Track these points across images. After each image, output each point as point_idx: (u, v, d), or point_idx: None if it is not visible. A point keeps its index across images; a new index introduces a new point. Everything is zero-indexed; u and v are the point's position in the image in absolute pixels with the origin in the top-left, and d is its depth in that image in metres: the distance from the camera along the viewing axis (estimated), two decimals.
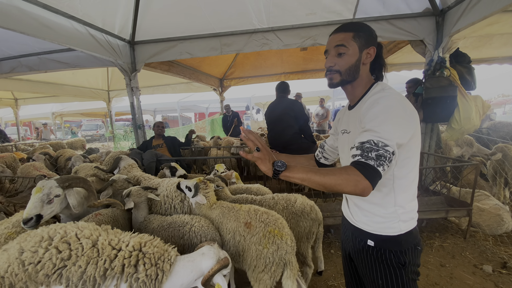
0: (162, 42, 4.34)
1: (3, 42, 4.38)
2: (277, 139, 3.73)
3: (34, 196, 1.75)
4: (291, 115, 3.63)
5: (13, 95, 10.11)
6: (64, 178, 1.93)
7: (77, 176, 2.04)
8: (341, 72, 1.16)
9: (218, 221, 2.10)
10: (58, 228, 1.41)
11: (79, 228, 1.43)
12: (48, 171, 3.99)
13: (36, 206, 1.72)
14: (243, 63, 8.37)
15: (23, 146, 9.08)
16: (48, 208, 1.79)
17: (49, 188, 1.80)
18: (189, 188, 2.21)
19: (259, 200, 2.42)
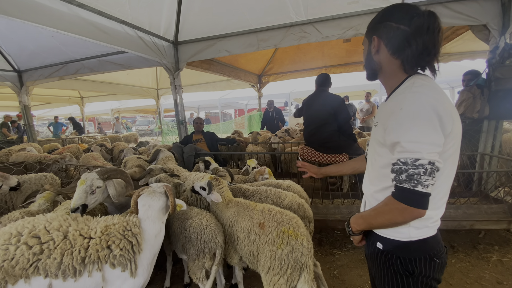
0: (202, 41, 4.51)
1: (69, 47, 5.03)
2: (313, 136, 3.55)
3: (79, 188, 1.93)
4: (330, 112, 3.39)
5: (80, 94, 11.62)
6: (104, 171, 2.10)
7: (115, 168, 2.21)
8: (364, 65, 1.15)
9: (233, 220, 2.06)
10: (26, 222, 1.45)
11: (48, 221, 1.48)
12: (104, 161, 4.51)
13: (81, 197, 1.90)
14: (281, 58, 8.25)
15: (87, 138, 10.42)
16: (91, 198, 1.98)
17: (91, 180, 1.98)
18: (203, 187, 2.20)
19: (251, 191, 2.42)
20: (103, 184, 2.08)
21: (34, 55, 5.55)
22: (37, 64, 5.88)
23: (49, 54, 5.45)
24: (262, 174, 2.86)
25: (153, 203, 1.69)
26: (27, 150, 5.08)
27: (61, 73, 5.70)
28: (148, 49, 4.09)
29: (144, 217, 1.66)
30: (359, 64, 8.18)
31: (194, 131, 5.03)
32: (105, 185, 2.11)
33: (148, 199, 1.70)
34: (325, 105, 3.44)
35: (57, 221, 1.48)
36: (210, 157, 3.89)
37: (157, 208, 1.70)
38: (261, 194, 2.40)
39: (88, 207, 1.98)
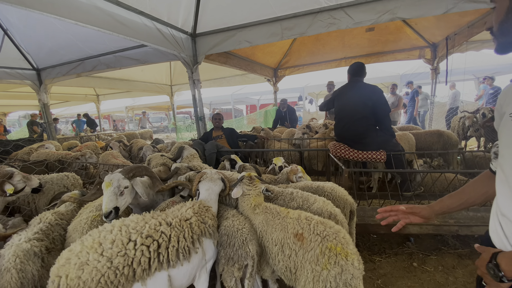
0: (221, 33, 4.28)
1: (86, 43, 4.93)
2: (347, 131, 3.26)
3: (107, 191, 1.82)
4: (368, 104, 3.08)
5: (95, 92, 11.73)
6: (128, 169, 1.98)
7: (139, 165, 2.09)
8: (493, 30, 0.85)
9: (261, 229, 1.83)
10: (130, 228, 1.46)
11: (145, 221, 1.54)
12: (123, 159, 4.40)
13: (111, 200, 1.79)
14: (299, 50, 7.92)
15: (104, 136, 10.50)
16: (121, 200, 1.86)
17: (117, 181, 1.86)
18: (240, 181, 2.12)
19: (276, 193, 2.20)
20: (130, 184, 1.96)
21: (52, 52, 5.50)
22: (55, 62, 5.84)
23: (66, 51, 5.39)
24: (296, 174, 2.62)
25: (214, 187, 2.06)
26: (45, 147, 5.05)
27: (79, 70, 5.64)
28: (166, 42, 3.91)
29: (208, 199, 1.99)
30: (382, 55, 7.74)
31: (213, 127, 4.84)
32: (131, 184, 1.98)
33: (211, 184, 2.06)
34: (361, 97, 3.14)
35: (154, 219, 1.58)
36: (233, 153, 3.70)
37: (217, 191, 2.07)
38: (285, 197, 2.15)
39: (120, 210, 1.85)
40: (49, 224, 1.90)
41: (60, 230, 1.95)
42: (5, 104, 12.96)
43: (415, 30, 6.47)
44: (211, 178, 2.09)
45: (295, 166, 2.71)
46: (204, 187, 2.05)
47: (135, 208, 2.21)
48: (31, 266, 1.53)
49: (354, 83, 3.36)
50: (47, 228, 1.85)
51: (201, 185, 2.06)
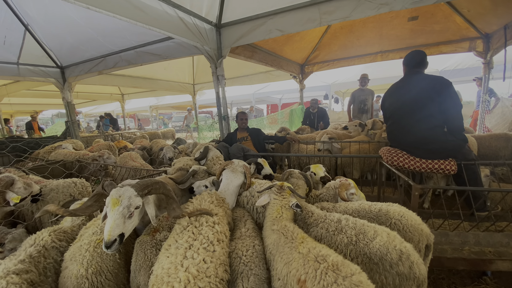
0: (249, 21, 3.81)
1: (107, 38, 4.70)
2: (406, 135, 2.62)
3: (114, 211, 1.37)
4: (435, 99, 2.42)
5: (120, 91, 11.82)
6: (143, 185, 1.52)
7: (157, 180, 1.63)
8: None
9: (271, 252, 1.46)
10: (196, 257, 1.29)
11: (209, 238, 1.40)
12: (143, 161, 4.09)
13: (118, 224, 1.35)
14: (330, 44, 7.26)
15: (127, 134, 10.52)
16: (129, 224, 1.42)
17: (128, 199, 1.42)
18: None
19: (315, 217, 1.72)
20: (142, 203, 1.51)
21: (73, 49, 5.37)
22: (77, 59, 5.73)
23: (88, 47, 5.22)
24: (348, 190, 2.06)
25: (234, 179, 2.08)
26: (62, 147, 4.89)
27: (100, 67, 5.46)
28: (189, 33, 3.51)
29: (225, 189, 2.02)
30: (425, 47, 6.82)
31: (238, 128, 4.38)
32: (143, 203, 1.54)
33: (231, 175, 2.09)
34: (426, 90, 2.46)
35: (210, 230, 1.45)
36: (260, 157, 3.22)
37: (236, 183, 2.08)
38: (329, 225, 1.61)
39: (124, 237, 1.41)
40: (43, 248, 1.51)
41: (56, 254, 1.57)
42: (37, 102, 13.50)
43: (466, 19, 5.60)
44: (233, 169, 2.14)
45: (345, 179, 2.15)
46: (225, 176, 2.12)
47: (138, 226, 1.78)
48: None
49: (413, 75, 2.70)
50: (39, 254, 1.46)
51: (224, 173, 2.14)
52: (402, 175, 2.15)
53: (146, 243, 1.56)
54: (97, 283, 1.40)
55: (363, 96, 6.68)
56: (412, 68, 2.73)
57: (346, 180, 2.11)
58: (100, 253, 1.47)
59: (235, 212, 2.01)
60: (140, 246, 1.56)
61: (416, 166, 2.46)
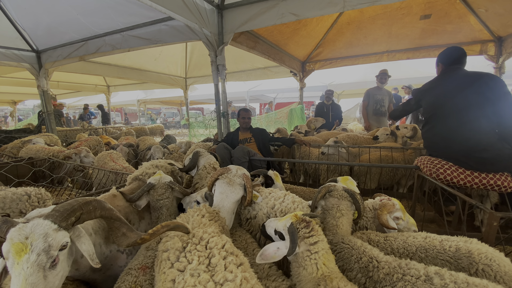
0: (258, 3, 3.28)
1: (89, 18, 4.07)
2: (453, 141, 2.15)
3: (20, 264, 0.82)
4: (490, 97, 2.00)
5: (106, 82, 10.98)
6: (67, 209, 0.97)
7: (88, 199, 1.06)
8: None
9: None
10: None
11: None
12: (125, 162, 3.48)
13: (35, 284, 0.81)
14: (334, 41, 6.83)
15: (112, 129, 9.74)
16: (53, 279, 0.88)
17: (44, 238, 0.88)
18: (279, 233, 1.23)
19: (401, 277, 1.11)
20: (70, 238, 0.97)
21: (51, 30, 4.67)
22: (55, 42, 5.01)
23: (67, 29, 4.53)
24: (391, 212, 1.56)
25: (230, 194, 1.64)
26: (33, 142, 4.20)
27: (81, 52, 4.77)
28: (187, 11, 2.94)
29: (220, 205, 1.58)
30: (434, 49, 6.52)
31: (240, 127, 3.83)
32: (71, 238, 0.98)
33: (226, 188, 1.66)
34: (477, 86, 2.02)
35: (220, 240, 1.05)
36: (266, 164, 2.69)
37: (233, 199, 1.64)
38: (415, 285, 1.05)
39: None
40: None
41: None
42: (15, 91, 12.41)
43: (481, 19, 5.31)
44: (230, 180, 1.69)
45: (388, 198, 1.64)
46: (219, 189, 1.67)
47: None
48: None
49: (454, 71, 2.29)
50: None
51: (217, 184, 1.70)
52: (465, 196, 1.68)
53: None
54: None
55: (379, 95, 5.80)
56: (450, 65, 2.31)
57: (389, 199, 1.62)
58: None
59: (235, 237, 1.58)
60: None
61: (467, 181, 2.00)
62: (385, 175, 3.10)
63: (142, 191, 1.68)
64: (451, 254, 1.21)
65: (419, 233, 1.40)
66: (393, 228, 1.45)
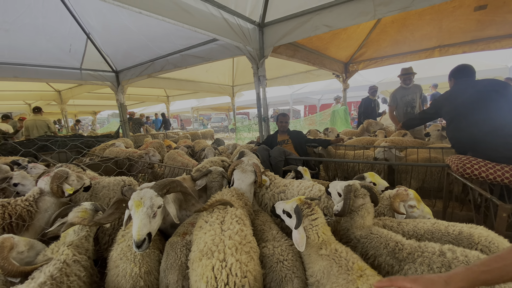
0: (294, 19, 3.64)
1: (155, 43, 4.96)
2: (481, 134, 2.21)
3: (138, 212, 1.40)
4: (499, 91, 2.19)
5: (166, 93, 12.57)
6: (161, 185, 1.58)
7: (173, 179, 1.69)
8: None
9: (319, 279, 1.31)
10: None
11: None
12: (189, 158, 4.27)
13: (145, 224, 1.38)
14: (378, 40, 6.70)
15: (171, 134, 11.11)
16: (154, 223, 1.46)
17: (150, 200, 1.46)
18: (287, 213, 1.56)
19: (420, 254, 1.36)
20: (163, 202, 1.55)
21: (127, 54, 5.79)
22: (129, 64, 6.18)
23: (139, 53, 5.58)
24: (405, 200, 1.77)
25: (245, 179, 2.16)
26: (116, 145, 5.28)
27: (149, 70, 5.80)
28: (232, 33, 3.48)
29: (239, 187, 2.11)
30: (495, 40, 5.91)
31: (278, 130, 4.23)
32: (164, 202, 1.57)
33: (242, 175, 2.18)
34: (491, 86, 2.19)
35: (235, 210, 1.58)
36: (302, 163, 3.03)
37: (248, 182, 2.16)
38: (431, 260, 1.30)
39: (152, 236, 1.44)
40: (65, 264, 1.40)
41: (79, 269, 1.46)
42: (96, 104, 15.07)
43: None
44: (243, 169, 2.21)
45: (403, 189, 1.85)
46: (236, 176, 2.21)
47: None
48: None
49: (468, 81, 2.54)
50: (61, 273, 1.34)
51: (235, 173, 2.24)
52: (481, 189, 1.77)
53: (176, 243, 1.57)
54: (149, 282, 1.39)
55: (408, 95, 5.12)
56: (461, 79, 2.58)
57: (406, 189, 1.82)
58: (149, 253, 1.48)
59: (258, 217, 1.99)
60: (171, 246, 1.57)
61: (497, 175, 2.01)
62: (430, 176, 3.06)
63: (203, 174, 2.32)
64: (454, 236, 1.40)
65: (429, 220, 1.59)
66: (401, 213, 1.67)
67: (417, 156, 3.14)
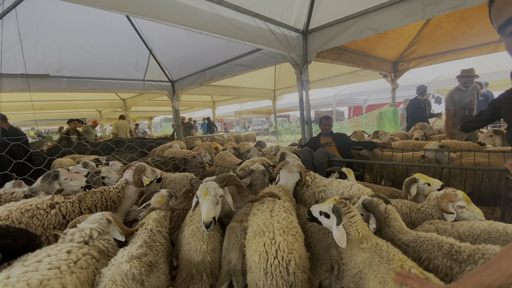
0: (337, 24, 3.73)
1: (207, 55, 5.50)
2: None
3: (206, 200, 1.75)
4: None
5: (212, 99, 13.46)
6: (222, 178, 1.91)
7: (230, 174, 2.01)
8: None
9: (361, 270, 1.42)
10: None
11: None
12: (237, 158, 4.66)
13: (211, 209, 1.73)
14: (432, 36, 6.26)
15: (217, 137, 11.87)
16: (217, 209, 1.80)
17: (214, 190, 1.79)
18: (325, 214, 1.65)
19: (481, 256, 1.36)
20: (223, 192, 1.89)
21: (182, 66, 6.50)
22: (184, 74, 6.90)
23: (192, 64, 6.22)
24: (453, 201, 1.78)
25: (291, 178, 2.42)
26: (173, 146, 5.95)
27: (200, 80, 6.41)
28: (277, 43, 3.73)
29: (284, 185, 2.37)
30: None
31: (321, 133, 4.32)
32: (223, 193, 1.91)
33: (288, 174, 2.43)
34: None
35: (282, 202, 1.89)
36: (345, 165, 3.10)
37: (293, 181, 2.42)
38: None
39: (216, 220, 1.79)
40: (151, 233, 1.82)
41: (160, 238, 1.86)
42: (151, 110, 16.84)
43: None
44: (290, 169, 2.46)
45: (452, 190, 1.85)
46: (282, 175, 2.46)
47: None
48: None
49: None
50: (150, 239, 1.75)
51: (281, 173, 2.49)
52: None
53: (236, 228, 1.89)
54: (212, 260, 1.71)
55: (466, 98, 4.63)
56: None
57: (454, 191, 1.81)
58: (213, 235, 1.80)
59: (299, 209, 2.25)
60: (231, 230, 1.90)
61: None
62: (489, 181, 2.83)
63: (247, 173, 2.63)
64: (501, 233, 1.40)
65: (485, 221, 1.60)
66: (450, 212, 1.69)
67: (474, 159, 2.95)
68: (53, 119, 14.24)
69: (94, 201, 2.25)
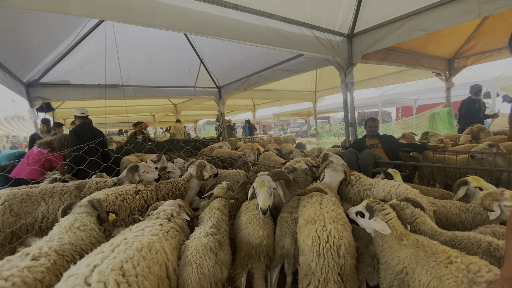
0: (384, 26, 3.74)
1: (252, 62, 5.87)
2: None
3: (262, 190, 2.06)
4: None
5: (253, 102, 13.96)
6: (274, 173, 2.19)
7: (281, 170, 2.31)
8: None
9: (407, 265, 1.47)
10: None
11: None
12: (281, 158, 4.95)
13: (267, 199, 2.02)
14: (493, 30, 5.71)
15: (258, 139, 12.28)
16: (271, 200, 2.08)
17: (268, 182, 2.08)
18: (360, 213, 1.80)
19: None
20: (275, 185, 2.17)
21: (228, 73, 7.01)
22: (230, 80, 7.42)
23: (238, 70, 6.67)
24: (499, 200, 1.76)
25: (336, 176, 2.57)
26: (222, 147, 6.47)
27: (245, 85, 6.83)
28: (322, 48, 3.89)
29: (328, 182, 2.52)
30: None
31: (366, 135, 4.31)
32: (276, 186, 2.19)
33: (333, 173, 2.58)
34: None
35: (330, 196, 2.11)
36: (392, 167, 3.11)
37: (338, 179, 2.56)
38: None
39: (270, 208, 2.06)
40: (217, 220, 2.13)
41: (224, 224, 2.17)
42: (197, 113, 18.09)
43: None
44: (335, 168, 2.60)
45: (500, 190, 1.82)
46: (327, 174, 2.60)
47: None
48: (207, 261, 1.63)
49: None
50: (218, 223, 2.08)
51: (326, 171, 2.63)
52: None
53: (287, 217, 2.13)
54: (268, 244, 1.98)
55: None
56: None
57: (501, 190, 1.79)
58: (267, 221, 2.08)
59: (343, 206, 2.32)
60: (283, 219, 2.14)
61: None
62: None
63: (290, 170, 2.90)
64: None
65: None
66: (491, 210, 1.70)
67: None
68: (113, 122, 16.28)
69: (167, 190, 2.71)
